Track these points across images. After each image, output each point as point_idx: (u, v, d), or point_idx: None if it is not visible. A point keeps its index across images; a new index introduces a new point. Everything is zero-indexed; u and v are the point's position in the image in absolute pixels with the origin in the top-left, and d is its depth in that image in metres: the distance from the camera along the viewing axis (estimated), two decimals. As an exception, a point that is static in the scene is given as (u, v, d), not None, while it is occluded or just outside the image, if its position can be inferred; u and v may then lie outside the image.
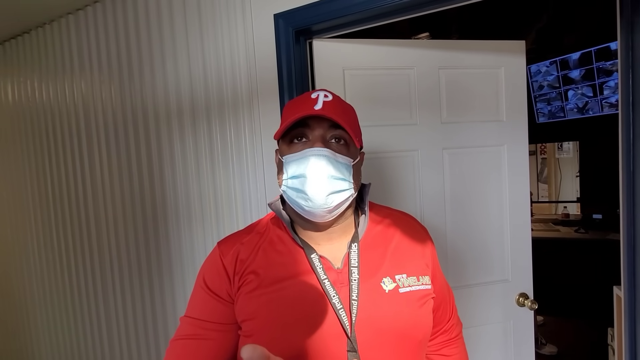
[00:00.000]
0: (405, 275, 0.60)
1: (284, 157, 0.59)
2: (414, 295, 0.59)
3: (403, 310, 0.58)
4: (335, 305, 0.56)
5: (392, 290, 0.58)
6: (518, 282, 1.31)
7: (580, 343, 2.63)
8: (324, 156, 0.55)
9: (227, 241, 0.65)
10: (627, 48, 0.85)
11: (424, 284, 0.61)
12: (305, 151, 0.56)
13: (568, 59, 2.98)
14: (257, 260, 0.61)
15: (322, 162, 0.55)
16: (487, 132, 1.27)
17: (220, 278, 0.61)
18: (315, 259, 0.59)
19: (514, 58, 1.29)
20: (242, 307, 0.59)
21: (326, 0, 1.03)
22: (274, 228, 0.64)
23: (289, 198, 0.59)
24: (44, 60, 1.62)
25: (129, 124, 1.43)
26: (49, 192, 1.71)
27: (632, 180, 0.86)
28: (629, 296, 0.89)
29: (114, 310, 1.56)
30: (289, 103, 0.63)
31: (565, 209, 3.70)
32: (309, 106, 0.56)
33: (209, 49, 1.23)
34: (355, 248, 0.60)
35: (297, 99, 0.63)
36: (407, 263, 0.62)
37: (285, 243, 0.62)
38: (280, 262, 0.60)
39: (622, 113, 0.88)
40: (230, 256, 0.62)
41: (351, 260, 0.59)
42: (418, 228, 0.69)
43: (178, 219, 1.37)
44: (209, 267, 0.64)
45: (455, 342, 0.72)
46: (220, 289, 0.61)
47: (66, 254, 1.68)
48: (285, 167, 0.58)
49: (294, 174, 0.57)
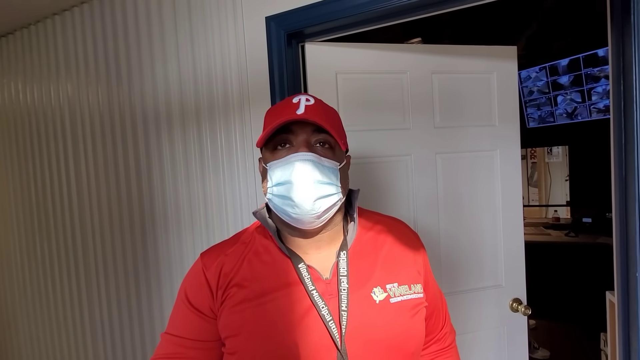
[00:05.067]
0: (397, 285, 0.58)
1: (268, 164, 0.57)
2: (406, 305, 0.57)
3: (394, 321, 0.56)
4: (325, 317, 0.54)
5: (382, 300, 0.56)
6: (511, 287, 1.30)
7: (572, 347, 2.64)
8: (309, 161, 0.53)
9: (210, 253, 0.63)
10: (618, 54, 0.85)
11: (415, 292, 0.59)
12: (290, 157, 0.54)
13: (557, 65, 3.03)
14: (242, 271, 0.58)
15: (308, 166, 0.53)
16: (479, 136, 1.27)
17: (202, 292, 0.58)
18: (303, 269, 0.57)
19: (506, 63, 1.29)
20: (225, 322, 0.56)
21: (318, 4, 1.02)
22: (259, 237, 0.62)
23: (275, 206, 0.57)
24: (29, 61, 1.58)
25: (116, 127, 1.39)
26: (32, 198, 1.65)
27: (624, 185, 0.86)
28: (623, 302, 0.88)
29: (100, 319, 1.51)
30: (270, 109, 0.62)
31: (556, 213, 3.74)
32: (291, 111, 0.55)
33: (200, 51, 1.21)
34: (344, 256, 0.58)
35: (278, 104, 0.61)
36: (398, 271, 0.60)
37: (272, 253, 0.60)
38: (266, 273, 0.58)
39: (614, 118, 0.88)
40: (213, 269, 0.59)
41: (340, 269, 0.57)
42: (409, 234, 0.67)
43: (167, 225, 1.33)
44: (190, 281, 0.61)
45: (448, 351, 0.70)
46: (203, 304, 0.58)
47: (50, 261, 1.62)
48: (270, 174, 0.57)
49: (279, 180, 0.55)
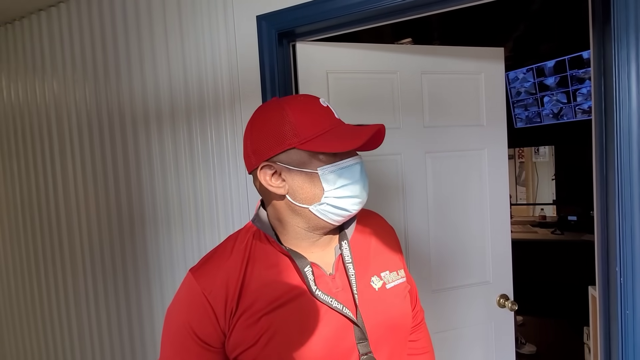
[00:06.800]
0: (388, 272, 0.64)
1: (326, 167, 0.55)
2: (398, 288, 0.64)
3: (393, 304, 0.62)
4: (337, 307, 0.56)
5: (380, 287, 0.61)
6: (499, 283, 1.33)
7: (558, 342, 2.71)
8: (362, 162, 0.61)
9: (206, 273, 0.57)
10: (599, 56, 0.88)
11: (402, 277, 0.65)
12: (349, 160, 0.58)
13: (544, 67, 3.10)
14: (247, 284, 0.56)
15: (362, 166, 0.60)
16: (468, 136, 1.30)
17: (210, 323, 0.55)
18: (309, 272, 0.57)
19: (493, 64, 1.32)
20: (240, 337, 0.54)
21: (310, 3, 1.02)
22: (256, 243, 0.60)
23: (330, 209, 0.56)
24: (13, 58, 1.54)
25: (104, 125, 1.37)
26: (17, 197, 1.62)
27: (605, 184, 0.89)
28: (603, 296, 0.91)
29: (87, 322, 1.48)
30: (306, 112, 0.55)
31: (542, 211, 3.83)
32: (331, 117, 0.57)
33: (190, 49, 1.20)
34: (346, 245, 0.62)
35: (312, 108, 0.56)
36: (387, 259, 0.66)
37: (272, 257, 0.59)
38: (271, 279, 0.57)
39: (595, 119, 0.91)
40: (216, 292, 0.55)
41: (345, 257, 0.61)
42: (385, 225, 0.73)
43: (156, 224, 1.32)
44: (192, 309, 0.56)
45: (420, 326, 0.77)
46: (211, 337, 0.55)
47: (35, 262, 1.59)
48: (332, 179, 0.55)
49: (345, 182, 0.57)
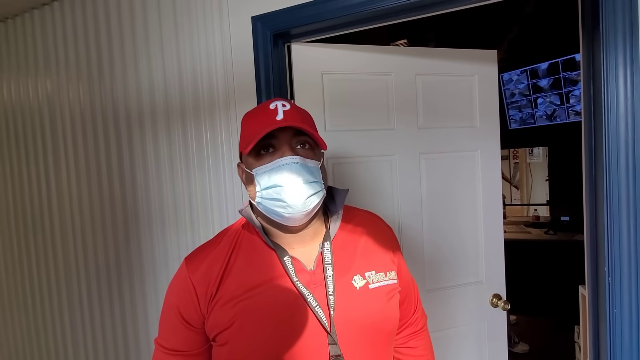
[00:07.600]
0: (374, 272, 0.64)
1: (255, 169, 0.60)
2: (383, 290, 0.63)
3: (374, 305, 0.62)
4: (311, 303, 0.58)
5: (362, 287, 0.62)
6: (492, 283, 1.35)
7: (551, 341, 2.75)
8: (296, 163, 0.58)
9: (195, 257, 0.64)
10: (588, 60, 0.90)
11: (391, 279, 0.65)
12: (277, 161, 0.58)
13: (537, 69, 3.13)
14: (230, 269, 0.61)
15: (296, 169, 0.57)
16: (461, 137, 1.31)
17: (191, 304, 0.60)
18: (288, 262, 0.61)
19: (487, 66, 1.33)
20: (215, 320, 0.59)
21: (305, 4, 1.03)
22: (245, 233, 0.65)
23: (265, 208, 0.60)
24: (6, 57, 1.53)
25: (98, 125, 1.37)
26: (9, 196, 1.60)
27: (594, 185, 0.91)
28: (592, 295, 0.93)
29: (81, 323, 1.47)
30: (247, 116, 0.64)
31: (536, 212, 3.87)
32: (271, 118, 0.58)
33: (185, 49, 1.20)
34: (327, 246, 0.63)
35: (255, 112, 0.63)
36: (375, 260, 0.66)
37: (258, 248, 0.63)
38: (253, 267, 0.61)
39: (585, 121, 0.93)
40: (200, 274, 0.61)
41: (325, 258, 0.62)
42: (383, 227, 0.73)
43: (151, 224, 1.31)
44: (178, 290, 0.63)
45: (420, 334, 0.76)
46: (192, 318, 0.61)
47: (28, 262, 1.57)
48: (257, 179, 0.60)
49: (269, 184, 0.58)
